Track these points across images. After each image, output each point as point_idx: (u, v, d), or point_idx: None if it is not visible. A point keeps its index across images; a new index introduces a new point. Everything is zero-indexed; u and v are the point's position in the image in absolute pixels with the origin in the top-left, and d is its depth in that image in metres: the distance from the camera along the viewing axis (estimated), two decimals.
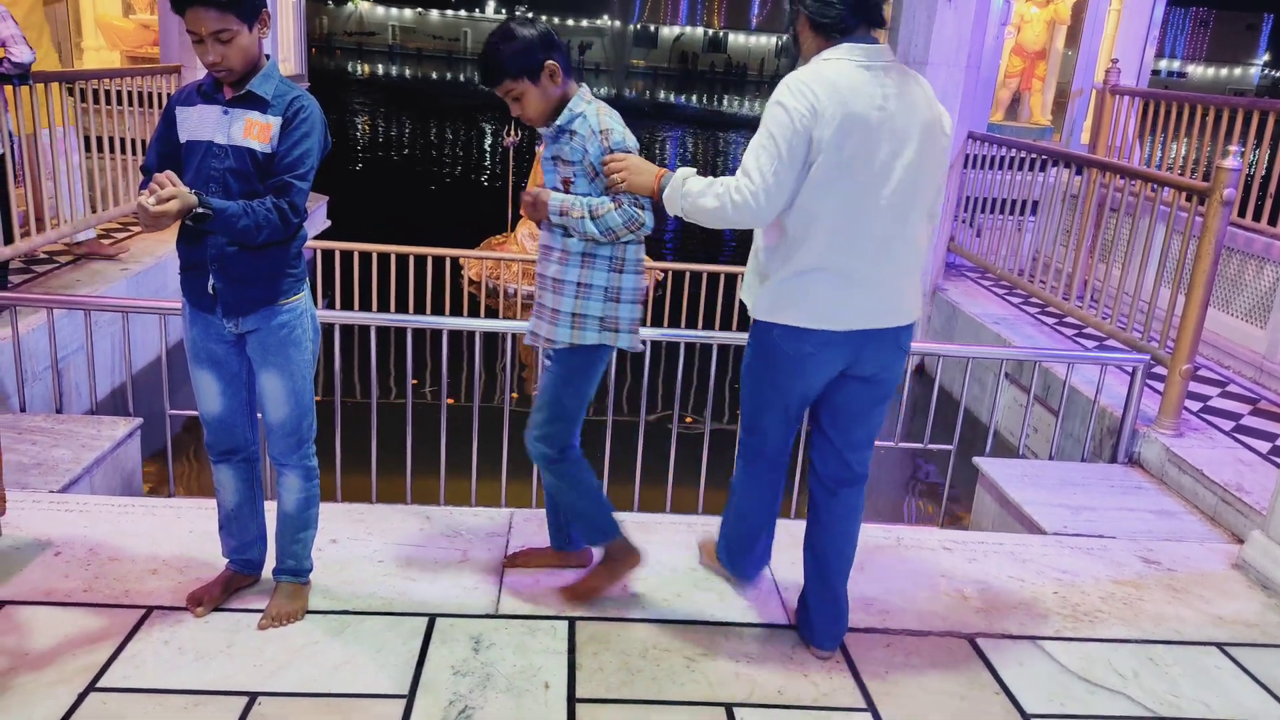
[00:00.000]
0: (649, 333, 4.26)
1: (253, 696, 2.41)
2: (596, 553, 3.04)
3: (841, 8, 2.40)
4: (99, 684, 2.41)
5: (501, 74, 2.63)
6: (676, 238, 13.38)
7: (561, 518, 3.08)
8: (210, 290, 2.53)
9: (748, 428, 2.79)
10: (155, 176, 2.37)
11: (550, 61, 2.62)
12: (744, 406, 2.79)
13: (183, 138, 2.53)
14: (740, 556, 3.02)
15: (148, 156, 2.61)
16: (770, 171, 2.36)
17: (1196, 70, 60.00)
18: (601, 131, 2.67)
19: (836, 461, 2.71)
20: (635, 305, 2.79)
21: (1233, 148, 4.22)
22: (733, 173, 2.45)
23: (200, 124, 2.50)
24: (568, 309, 2.75)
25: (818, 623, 2.75)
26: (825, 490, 2.74)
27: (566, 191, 2.72)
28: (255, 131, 2.47)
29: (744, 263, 2.84)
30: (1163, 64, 56.20)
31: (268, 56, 2.55)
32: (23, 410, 4.15)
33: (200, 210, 2.36)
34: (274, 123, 2.48)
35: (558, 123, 2.69)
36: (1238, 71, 59.72)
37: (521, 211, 2.84)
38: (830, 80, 2.35)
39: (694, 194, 2.51)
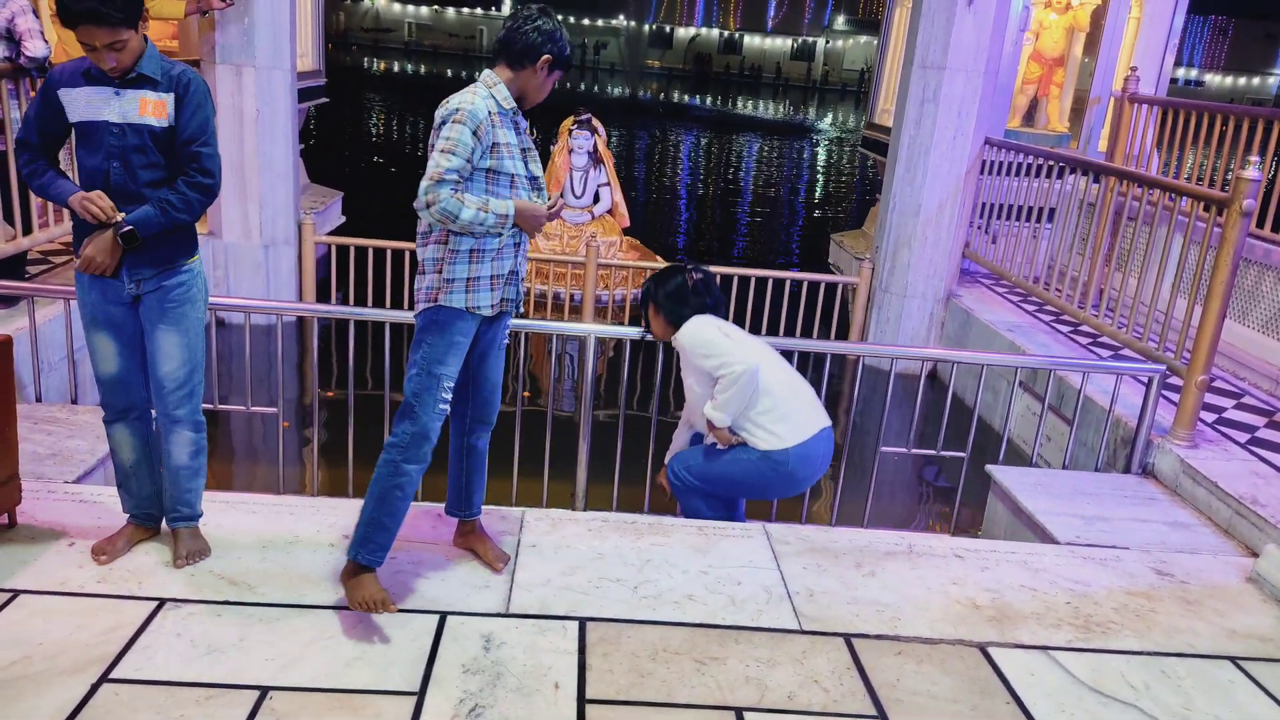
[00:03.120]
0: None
1: (264, 690, 2.41)
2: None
3: (688, 312, 3.60)
4: (111, 675, 2.42)
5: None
6: (689, 239, 13.37)
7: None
8: None
9: (727, 504, 3.74)
10: (91, 196, 2.64)
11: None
12: (730, 491, 3.66)
13: (74, 118, 2.70)
14: None
15: (26, 132, 2.76)
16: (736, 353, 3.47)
17: (1214, 79, 59.65)
18: None
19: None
20: None
21: (1253, 158, 4.19)
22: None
23: (92, 105, 2.67)
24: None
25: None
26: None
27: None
28: (150, 109, 2.68)
29: (756, 265, 3.68)
30: (1180, 72, 55.88)
31: (145, 38, 2.71)
32: (39, 400, 4.17)
33: (124, 232, 2.65)
34: (167, 99, 2.69)
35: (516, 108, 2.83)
36: (1256, 81, 59.36)
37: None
38: (711, 320, 3.61)
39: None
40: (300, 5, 8.37)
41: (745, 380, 3.41)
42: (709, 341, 3.50)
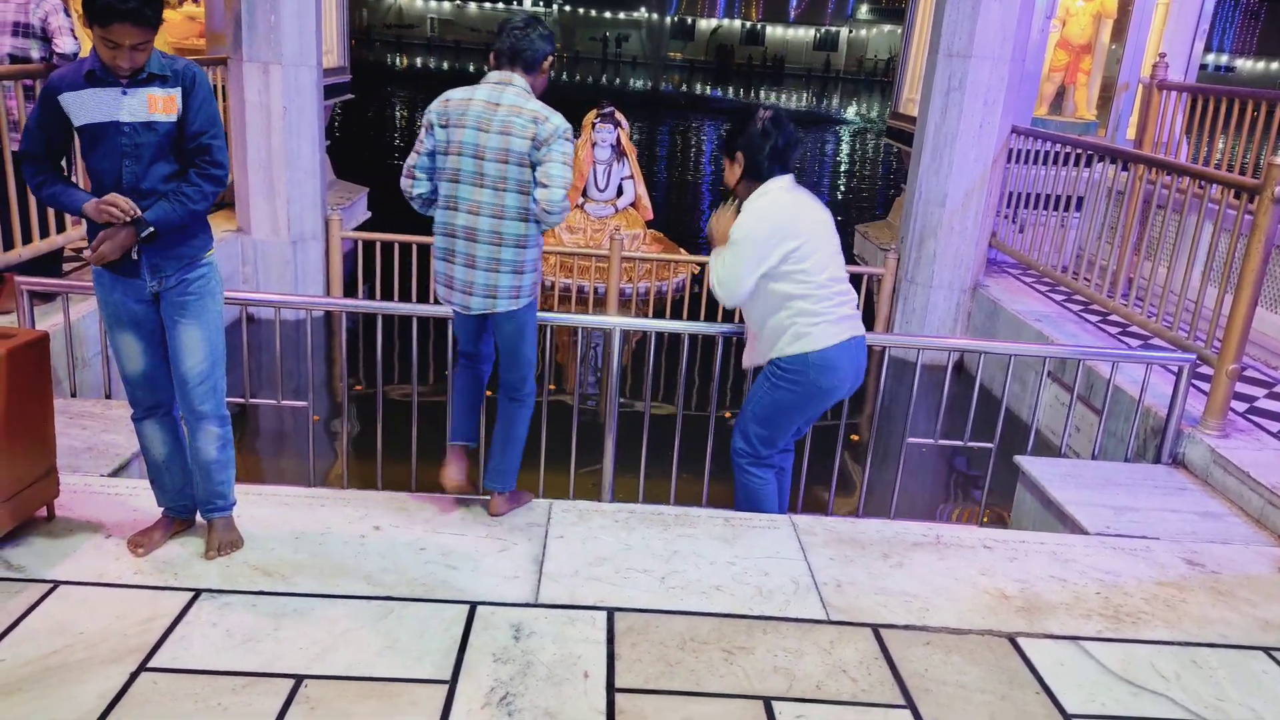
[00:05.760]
0: (685, 326, 4.27)
1: (299, 679, 2.45)
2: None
3: (762, 160, 3.45)
4: (150, 664, 2.47)
5: None
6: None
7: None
8: (135, 255, 2.74)
9: (778, 473, 3.69)
10: (110, 200, 2.63)
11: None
12: (780, 423, 3.53)
13: (79, 121, 2.69)
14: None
15: (30, 144, 2.75)
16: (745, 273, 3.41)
17: (1245, 64, 58.65)
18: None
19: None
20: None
21: None
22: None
23: (99, 107, 2.67)
24: None
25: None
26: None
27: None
28: (160, 105, 2.70)
29: None
30: (1210, 58, 54.82)
31: None
32: (74, 395, 4.24)
33: (146, 234, 2.68)
34: (175, 94, 2.72)
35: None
36: None
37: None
38: (782, 204, 3.43)
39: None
40: (325, 3, 8.44)
41: (720, 292, 3.52)
42: (749, 241, 3.37)
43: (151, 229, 2.70)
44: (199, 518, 3.10)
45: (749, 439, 3.58)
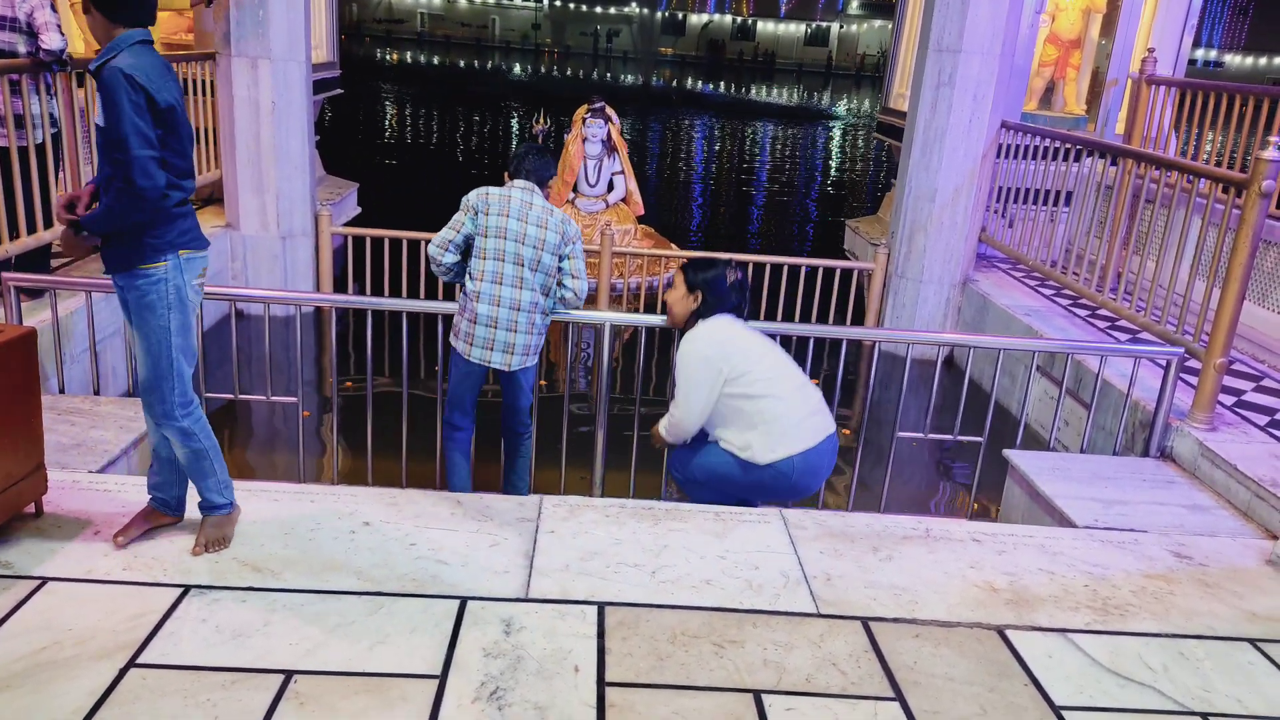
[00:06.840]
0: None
1: (289, 674, 2.45)
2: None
3: (718, 301, 3.63)
4: (139, 660, 2.46)
5: None
6: (704, 227, 13.35)
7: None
8: (99, 244, 2.80)
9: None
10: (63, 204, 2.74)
11: None
12: (732, 494, 3.62)
13: None
14: None
15: None
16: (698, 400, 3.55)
17: (1234, 60, 58.84)
18: None
19: None
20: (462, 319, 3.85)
21: (1273, 138, 4.16)
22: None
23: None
24: None
25: None
26: None
27: None
28: (97, 107, 2.66)
29: (771, 251, 3.58)
30: (1199, 53, 54.95)
31: (124, 30, 2.68)
32: (62, 392, 4.22)
33: (82, 234, 2.74)
34: (100, 96, 2.63)
35: None
36: (1277, 61, 58.50)
37: None
38: (716, 336, 3.59)
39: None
40: None
41: (679, 431, 3.64)
42: (692, 371, 3.54)
43: (85, 231, 2.72)
44: (187, 515, 3.08)
45: (697, 473, 3.68)
